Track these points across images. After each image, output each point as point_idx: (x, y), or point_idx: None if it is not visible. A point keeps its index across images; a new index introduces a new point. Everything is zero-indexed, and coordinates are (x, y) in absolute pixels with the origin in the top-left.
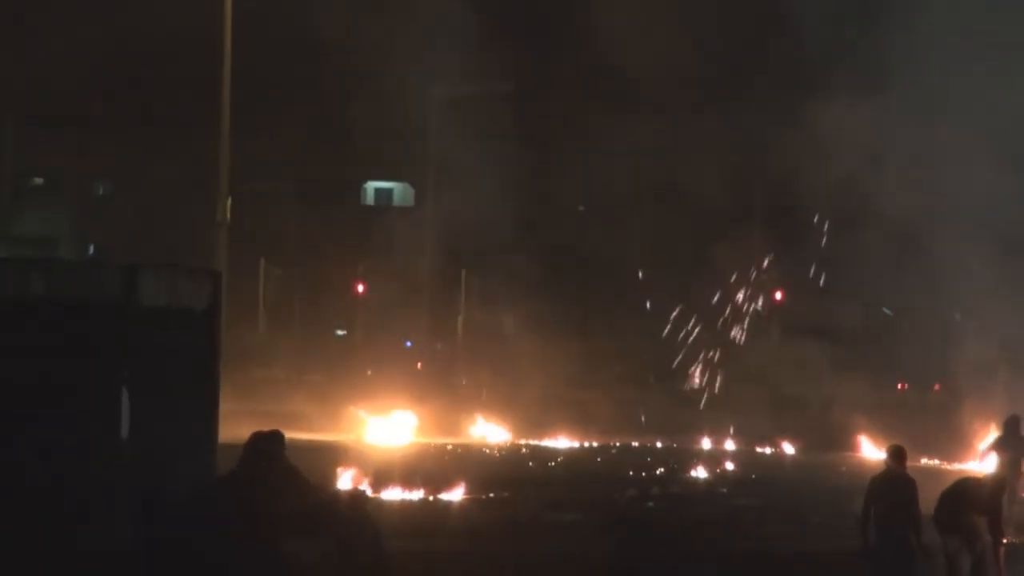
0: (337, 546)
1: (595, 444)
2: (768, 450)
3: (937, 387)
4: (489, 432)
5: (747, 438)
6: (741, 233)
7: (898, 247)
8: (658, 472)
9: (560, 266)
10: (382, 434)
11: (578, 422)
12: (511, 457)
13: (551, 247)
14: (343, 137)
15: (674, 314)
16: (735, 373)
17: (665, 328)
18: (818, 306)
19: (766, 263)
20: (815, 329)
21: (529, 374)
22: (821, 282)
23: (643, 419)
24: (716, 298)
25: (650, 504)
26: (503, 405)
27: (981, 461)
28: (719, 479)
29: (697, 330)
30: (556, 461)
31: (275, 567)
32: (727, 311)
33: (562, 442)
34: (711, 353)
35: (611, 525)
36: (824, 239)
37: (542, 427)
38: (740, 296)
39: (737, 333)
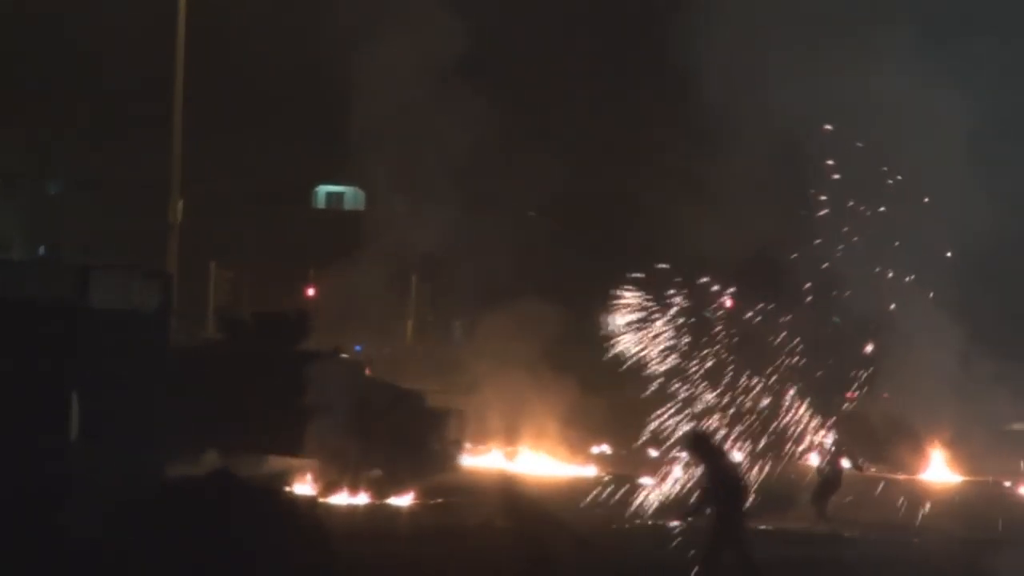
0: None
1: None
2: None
3: (886, 395)
4: None
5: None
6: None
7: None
8: (606, 478)
9: (511, 271)
10: None
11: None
12: None
13: (503, 251)
14: (295, 140)
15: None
16: (684, 379)
17: (612, 336)
18: (769, 313)
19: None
20: (765, 336)
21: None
22: (776, 289)
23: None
24: (666, 303)
25: (597, 511)
26: None
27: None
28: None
29: (647, 337)
30: None
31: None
32: (676, 318)
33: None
34: (660, 360)
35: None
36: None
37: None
38: (691, 302)
39: (687, 340)
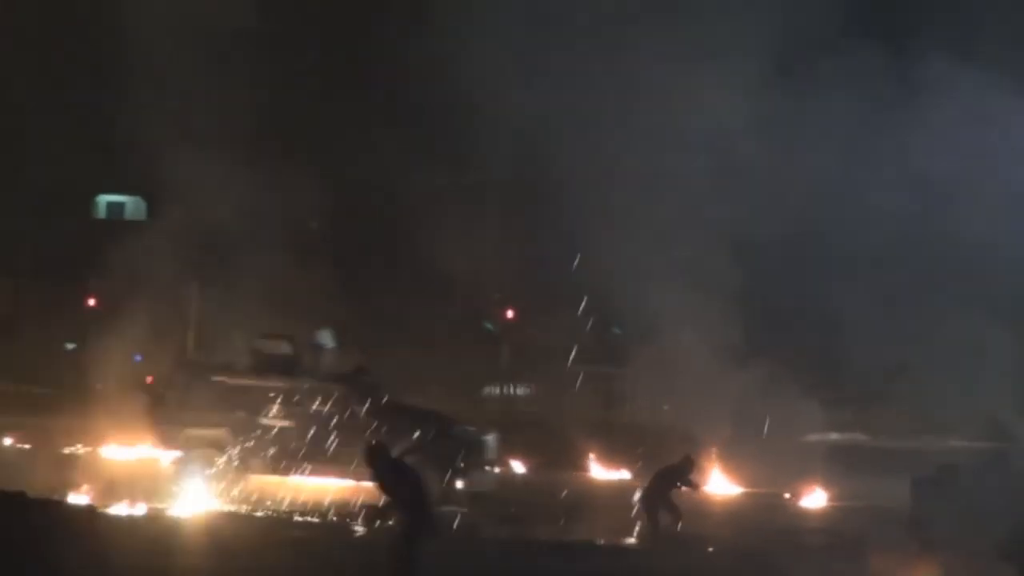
0: None
1: None
2: (497, 470)
3: (665, 407)
4: None
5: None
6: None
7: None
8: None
9: (294, 282)
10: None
11: None
12: None
13: (287, 262)
14: (75, 148)
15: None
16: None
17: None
18: (550, 325)
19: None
20: (546, 348)
21: None
22: (555, 300)
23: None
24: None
25: (377, 523)
26: None
27: None
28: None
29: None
30: None
31: None
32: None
33: None
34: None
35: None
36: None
37: None
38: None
39: (467, 351)
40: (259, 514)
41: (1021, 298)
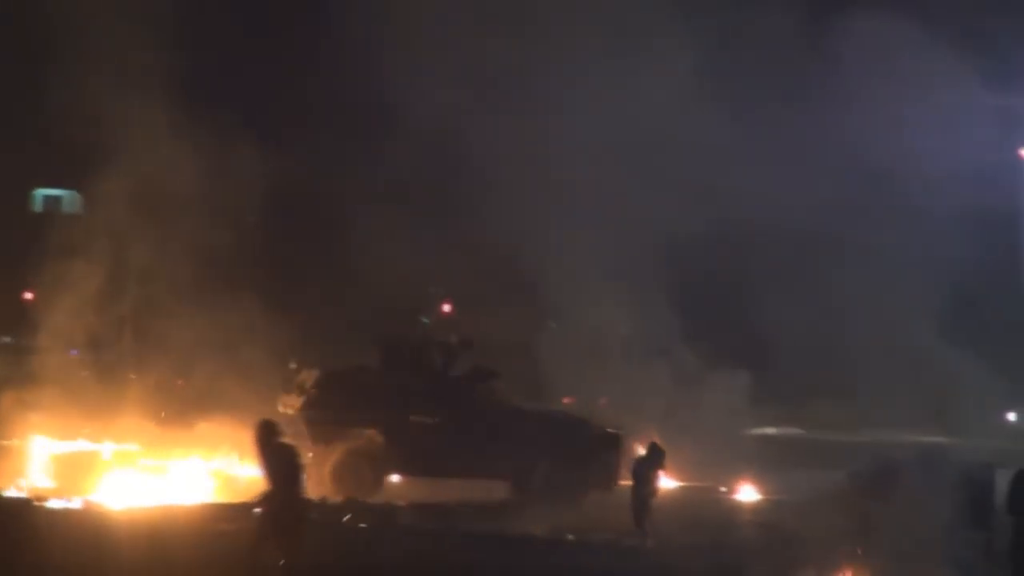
0: None
1: None
2: None
3: (603, 401)
4: None
5: None
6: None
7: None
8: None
9: (231, 276)
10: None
11: None
12: None
13: (224, 257)
14: (11, 142)
15: None
16: None
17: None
18: (484, 318)
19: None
20: (480, 342)
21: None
22: (489, 294)
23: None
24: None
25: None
26: None
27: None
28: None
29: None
30: None
31: None
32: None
33: None
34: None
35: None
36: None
37: None
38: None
39: None
40: (191, 506)
41: (961, 293)
